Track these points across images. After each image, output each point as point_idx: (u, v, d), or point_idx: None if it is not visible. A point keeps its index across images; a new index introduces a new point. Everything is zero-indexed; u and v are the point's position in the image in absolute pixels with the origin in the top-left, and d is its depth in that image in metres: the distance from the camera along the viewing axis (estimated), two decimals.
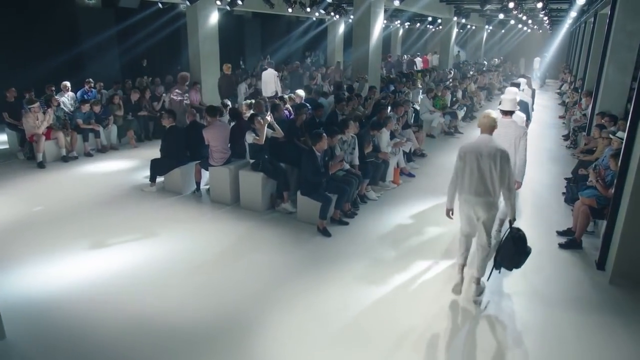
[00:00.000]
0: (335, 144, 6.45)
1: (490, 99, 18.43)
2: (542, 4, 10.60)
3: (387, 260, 5.35)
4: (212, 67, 12.38)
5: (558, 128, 13.22)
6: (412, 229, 6.26)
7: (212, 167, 6.92)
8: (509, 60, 27.48)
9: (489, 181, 4.12)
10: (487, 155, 4.11)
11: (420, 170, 8.80)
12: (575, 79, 16.91)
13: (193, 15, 11.80)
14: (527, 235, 4.40)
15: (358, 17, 10.91)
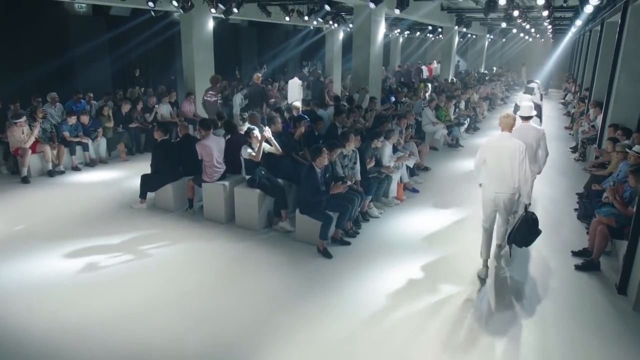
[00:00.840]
0: (335, 158, 6.23)
1: (492, 109, 18.34)
2: (548, 12, 10.49)
3: (394, 285, 5.10)
4: (206, 76, 12.20)
5: (565, 139, 13.06)
6: (418, 249, 6.02)
7: (205, 183, 6.70)
8: (511, 69, 27.47)
9: (509, 171, 4.88)
10: (507, 150, 4.87)
11: (425, 185, 8.59)
12: (580, 88, 16.81)
13: (187, 24, 11.67)
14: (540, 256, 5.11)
15: (358, 26, 10.78)
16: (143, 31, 14.41)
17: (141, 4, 10.32)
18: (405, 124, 8.70)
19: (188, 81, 12.09)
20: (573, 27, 14.20)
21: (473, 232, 6.56)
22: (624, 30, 7.93)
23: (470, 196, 8.09)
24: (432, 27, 20.28)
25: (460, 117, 12.88)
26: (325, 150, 5.81)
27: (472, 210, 7.41)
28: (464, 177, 9.26)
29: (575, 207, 7.40)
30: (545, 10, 10.30)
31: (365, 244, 6.12)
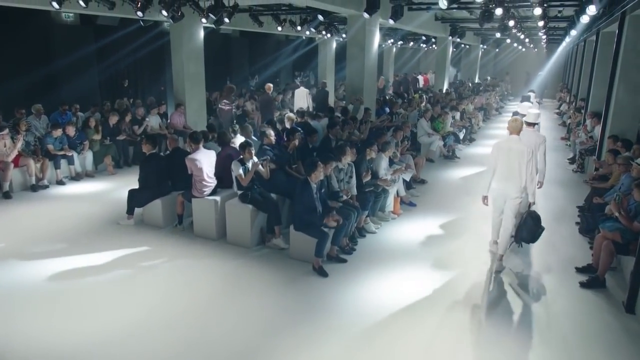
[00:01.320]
0: (330, 172, 6.09)
1: (487, 119, 18.36)
2: (544, 22, 10.52)
3: (392, 304, 4.94)
4: (197, 87, 12.08)
5: (561, 150, 13.06)
6: (417, 266, 5.87)
7: (195, 198, 6.53)
8: (505, 79, 27.66)
9: (517, 171, 5.45)
10: (516, 152, 5.45)
11: (422, 199, 8.47)
12: (575, 98, 16.90)
13: (177, 34, 11.53)
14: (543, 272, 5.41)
15: (352, 36, 10.74)
16: (132, 41, 14.28)
17: (130, 14, 10.19)
18: (402, 136, 8.60)
19: (178, 92, 11.93)
20: (567, 37, 14.28)
21: (472, 247, 6.46)
22: (622, 41, 7.93)
23: (469, 209, 8.00)
24: (425, 37, 20.38)
25: (456, 128, 12.82)
26: (321, 164, 5.68)
27: (470, 224, 7.31)
28: (461, 190, 9.17)
29: (577, 221, 7.31)
30: (541, 20, 10.31)
31: (362, 261, 5.96)
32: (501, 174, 5.58)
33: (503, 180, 5.57)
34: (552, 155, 12.42)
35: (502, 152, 5.55)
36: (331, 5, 9.05)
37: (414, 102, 13.02)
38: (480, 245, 6.53)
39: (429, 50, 29.15)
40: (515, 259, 6.17)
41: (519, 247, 6.00)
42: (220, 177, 6.65)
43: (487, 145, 14.11)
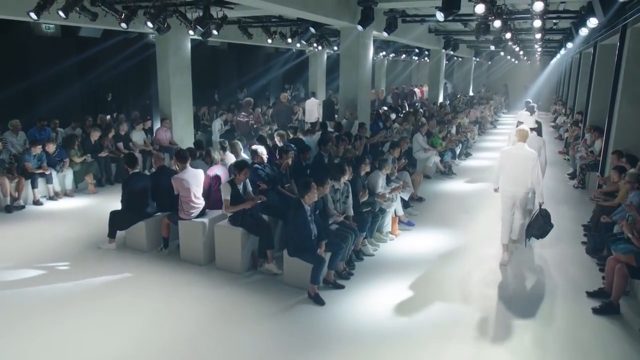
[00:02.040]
0: (326, 193, 5.88)
1: (482, 133, 18.34)
2: (541, 34, 10.52)
3: (393, 336, 4.70)
4: (183, 101, 11.87)
5: (560, 165, 12.99)
6: (418, 292, 5.65)
7: (182, 220, 6.28)
8: (498, 91, 27.85)
9: (523, 175, 6.09)
10: (523, 157, 6.10)
11: (420, 218, 8.29)
12: (572, 111, 16.95)
13: (163, 46, 11.36)
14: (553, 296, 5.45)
15: (345, 49, 10.64)
16: (115, 53, 14.04)
17: (113, 25, 9.99)
18: (399, 153, 8.44)
19: (164, 106, 11.71)
20: (563, 49, 14.37)
21: (474, 269, 6.28)
22: (624, 54, 7.90)
23: (469, 228, 7.86)
24: (418, 50, 20.44)
25: (452, 143, 12.71)
26: (315, 185, 5.46)
27: (471, 244, 7.16)
28: (460, 207, 9.01)
29: (583, 240, 7.16)
30: (539, 33, 10.31)
31: (361, 286, 5.73)
32: (510, 177, 6.20)
33: (512, 183, 6.20)
34: (551, 170, 12.33)
35: (511, 158, 6.21)
36: (324, 17, 8.94)
37: (409, 117, 12.89)
38: (482, 267, 6.36)
39: (421, 62, 29.34)
40: (522, 282, 5.99)
41: (528, 241, 6.52)
42: (208, 198, 6.39)
43: (483, 159, 14.11)
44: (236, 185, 5.86)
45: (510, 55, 21.79)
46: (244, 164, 5.92)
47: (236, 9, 9.86)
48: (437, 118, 14.16)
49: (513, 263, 6.48)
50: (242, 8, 9.80)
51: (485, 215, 8.70)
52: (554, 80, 27.44)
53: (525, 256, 6.73)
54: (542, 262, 6.59)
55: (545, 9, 6.30)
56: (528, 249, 6.95)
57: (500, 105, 25.21)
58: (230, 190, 5.78)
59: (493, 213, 8.68)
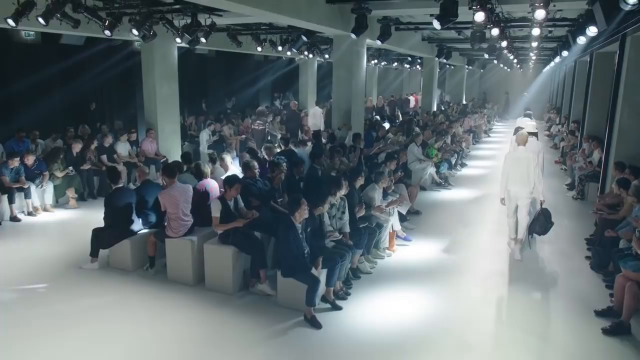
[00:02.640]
0: (324, 211, 5.71)
1: (477, 142, 18.34)
2: (537, 43, 10.52)
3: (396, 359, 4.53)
4: (170, 111, 11.69)
5: (557, 175, 12.97)
6: (418, 311, 5.50)
7: (169, 238, 6.07)
8: (491, 100, 28.01)
9: (525, 176, 6.74)
10: (524, 160, 6.79)
11: (417, 232, 8.14)
12: (567, 120, 17.01)
13: (149, 54, 11.19)
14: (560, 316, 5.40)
15: (338, 57, 10.54)
16: (99, 61, 13.80)
17: (97, 33, 9.79)
18: (396, 165, 8.31)
19: (150, 116, 11.51)
20: (558, 57, 14.44)
21: (475, 287, 6.16)
22: (624, 62, 7.89)
23: (468, 243, 7.76)
24: (410, 58, 20.47)
25: (448, 154, 12.65)
26: (304, 201, 5.27)
27: (471, 260, 7.05)
28: (458, 221, 8.91)
29: (587, 255, 7.06)
30: (535, 41, 10.31)
31: (359, 307, 5.56)
32: (513, 179, 6.84)
33: (515, 184, 6.84)
34: (549, 180, 12.29)
35: (513, 161, 6.89)
36: (317, 25, 8.84)
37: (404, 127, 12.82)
38: (484, 284, 6.25)
39: (412, 71, 29.47)
40: (527, 299, 5.85)
41: (531, 238, 7.22)
42: (197, 215, 6.19)
43: (479, 167, 14.07)
44: (227, 202, 5.67)
45: (504, 63, 21.92)
46: (236, 179, 5.74)
47: (225, 16, 9.73)
48: (432, 128, 14.11)
49: (516, 279, 6.36)
50: (231, 15, 9.68)
51: (484, 228, 8.62)
52: (547, 88, 27.67)
53: (529, 271, 6.62)
54: (546, 278, 6.48)
55: (546, 17, 6.25)
56: (532, 264, 6.85)
57: (494, 114, 25.32)
58: (220, 207, 5.59)
59: (492, 227, 8.62)
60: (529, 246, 7.23)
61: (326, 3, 8.69)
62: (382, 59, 19.90)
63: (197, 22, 8.91)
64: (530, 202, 6.94)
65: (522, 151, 6.91)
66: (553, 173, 13.23)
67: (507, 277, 6.44)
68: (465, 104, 24.21)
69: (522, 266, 6.82)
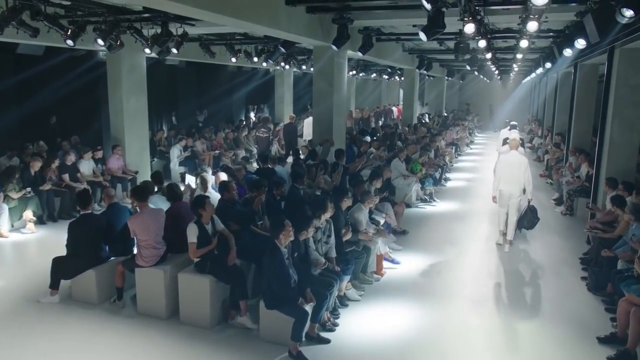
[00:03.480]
0: (309, 236, 5.50)
1: (459, 156, 18.43)
2: (522, 54, 10.63)
3: None
4: (138, 125, 11.36)
5: (544, 189, 13.07)
6: (411, 342, 5.33)
7: (140, 268, 5.75)
8: (473, 111, 28.39)
9: (516, 178, 7.76)
10: (516, 163, 7.84)
11: (405, 253, 8.00)
12: (550, 132, 17.25)
13: (115, 65, 10.89)
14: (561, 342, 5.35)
15: (319, 69, 10.42)
16: (60, 72, 13.31)
17: (58, 42, 9.43)
18: (381, 183, 8.17)
19: (116, 131, 11.16)
20: (540, 68, 14.67)
21: (470, 313, 6.02)
22: (612, 75, 7.97)
23: (459, 264, 7.68)
24: (390, 70, 20.57)
25: (431, 169, 12.60)
26: (289, 222, 5.06)
27: (463, 283, 6.93)
28: (446, 240, 8.82)
29: (583, 275, 7.02)
30: (520, 54, 10.42)
31: (348, 338, 5.36)
32: (506, 179, 7.86)
33: (507, 184, 7.85)
34: (535, 195, 12.28)
35: (506, 164, 7.95)
36: (297, 36, 8.71)
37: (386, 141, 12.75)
38: (478, 310, 6.12)
39: (391, 82, 29.69)
40: (525, 326, 5.74)
41: (519, 232, 8.29)
42: (170, 241, 5.89)
43: (462, 180, 14.11)
44: (204, 225, 5.41)
45: (484, 74, 22.26)
46: (204, 198, 5.50)
47: (198, 25, 9.52)
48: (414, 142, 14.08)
49: (512, 303, 6.28)
50: (204, 25, 9.48)
51: (472, 247, 8.60)
52: (527, 100, 28.21)
53: (524, 294, 6.54)
54: (543, 301, 6.40)
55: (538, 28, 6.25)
56: (527, 286, 6.78)
57: (474, 126, 25.62)
58: (197, 232, 5.32)
59: (480, 245, 8.60)
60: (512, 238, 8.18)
61: (306, 13, 8.57)
62: (361, 70, 19.92)
63: (167, 31, 8.66)
64: (519, 201, 7.95)
65: (514, 155, 8.00)
66: (539, 187, 13.29)
67: (501, 301, 6.35)
68: (445, 116, 24.42)
69: (517, 289, 6.74)
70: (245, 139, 15.63)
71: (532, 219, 7.96)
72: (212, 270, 5.48)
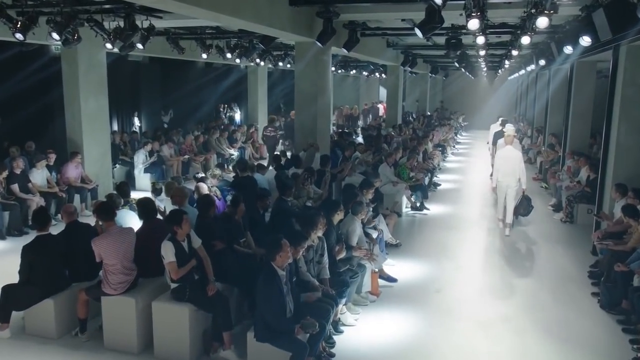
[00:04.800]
0: (299, 256, 5.22)
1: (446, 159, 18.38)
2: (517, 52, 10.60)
3: None
4: (98, 129, 10.91)
5: (539, 194, 13.05)
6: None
7: (107, 296, 5.37)
8: (458, 110, 28.55)
9: (512, 170, 9.15)
10: (512, 157, 9.27)
11: (400, 269, 7.78)
12: (540, 133, 17.34)
13: (72, 62, 10.42)
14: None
15: (301, 68, 10.15)
16: (7, 69, 12.66)
17: (5, 35, 8.93)
18: (372, 194, 7.95)
19: (73, 136, 10.68)
20: (532, 65, 14.72)
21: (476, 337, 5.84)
22: (618, 75, 7.93)
23: (458, 281, 7.53)
24: (373, 66, 20.47)
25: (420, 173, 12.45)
26: (287, 242, 4.79)
27: (465, 302, 6.76)
28: (442, 253, 8.68)
29: (593, 291, 6.91)
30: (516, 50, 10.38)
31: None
32: (504, 172, 9.26)
33: (505, 176, 9.24)
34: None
35: (503, 159, 9.36)
36: (280, 31, 8.41)
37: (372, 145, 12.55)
38: (486, 332, 5.95)
39: (370, 79, 29.66)
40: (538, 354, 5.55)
41: (516, 219, 9.82)
42: (142, 264, 5.52)
43: (451, 182, 14.09)
44: (180, 243, 5.07)
45: (470, 71, 22.37)
46: (180, 214, 5.15)
47: (166, 18, 9.12)
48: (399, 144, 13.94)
49: (524, 326, 6.09)
50: (173, 17, 9.09)
51: (471, 259, 8.52)
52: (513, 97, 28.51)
53: (535, 316, 6.36)
54: (553, 322, 6.22)
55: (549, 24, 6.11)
56: (537, 308, 6.61)
57: (459, 126, 25.75)
58: (173, 250, 4.97)
59: (479, 257, 8.51)
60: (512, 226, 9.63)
61: (289, 5, 8.28)
62: (340, 67, 19.79)
63: (133, 25, 8.24)
64: (516, 190, 9.25)
65: (510, 150, 9.41)
66: (533, 191, 13.21)
67: (512, 324, 6.15)
68: (430, 115, 24.45)
69: (524, 308, 6.57)
70: (217, 141, 15.23)
71: (527, 207, 9.75)
72: (191, 298, 5.13)
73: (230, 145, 15.60)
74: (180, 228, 5.12)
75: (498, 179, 9.32)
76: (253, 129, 17.45)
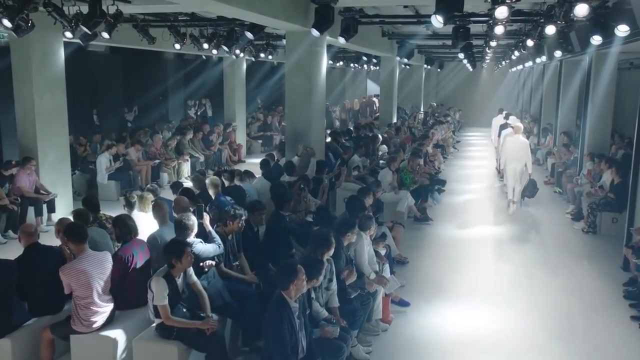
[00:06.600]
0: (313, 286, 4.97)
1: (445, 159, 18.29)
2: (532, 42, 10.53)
3: None
4: (56, 130, 10.49)
5: (551, 200, 13.04)
6: None
7: (77, 334, 5.07)
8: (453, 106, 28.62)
9: (519, 155, 11.21)
10: (520, 144, 11.36)
11: (410, 290, 7.59)
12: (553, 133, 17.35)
13: (24, 53, 10.01)
14: None
15: (293, 61, 9.90)
16: None
17: None
18: (375, 202, 7.73)
19: (26, 139, 10.25)
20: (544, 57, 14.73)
21: None
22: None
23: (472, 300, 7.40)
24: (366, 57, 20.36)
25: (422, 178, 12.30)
26: (302, 268, 4.54)
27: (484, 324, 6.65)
28: (450, 268, 8.59)
29: (633, 315, 6.78)
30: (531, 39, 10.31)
31: None
32: (512, 157, 11.20)
33: (513, 161, 11.18)
34: (544, 207, 12.31)
35: (512, 145, 11.29)
36: (273, 19, 8.16)
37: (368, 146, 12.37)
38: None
39: (357, 71, 29.58)
40: None
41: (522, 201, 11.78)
42: (120, 294, 5.22)
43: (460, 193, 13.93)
44: (174, 280, 4.76)
45: (471, 63, 22.42)
46: (184, 246, 4.83)
47: (135, 2, 8.81)
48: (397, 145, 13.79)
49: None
50: (143, 1, 8.78)
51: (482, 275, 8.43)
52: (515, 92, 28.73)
53: (570, 345, 6.18)
54: (593, 353, 6.05)
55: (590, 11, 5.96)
56: (570, 335, 6.42)
57: (457, 124, 25.81)
58: (167, 289, 4.67)
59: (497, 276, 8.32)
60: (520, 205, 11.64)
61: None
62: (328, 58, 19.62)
63: (100, 11, 7.88)
64: (522, 174, 11.10)
65: (518, 138, 11.33)
66: (545, 196, 13.20)
67: (547, 356, 5.95)
68: (425, 112, 24.45)
69: (562, 339, 6.35)
70: (191, 143, 14.88)
71: (533, 190, 11.64)
72: (180, 335, 4.85)
73: (207, 148, 15.24)
74: (180, 262, 4.85)
75: (506, 163, 11.38)
76: (230, 129, 17.10)
